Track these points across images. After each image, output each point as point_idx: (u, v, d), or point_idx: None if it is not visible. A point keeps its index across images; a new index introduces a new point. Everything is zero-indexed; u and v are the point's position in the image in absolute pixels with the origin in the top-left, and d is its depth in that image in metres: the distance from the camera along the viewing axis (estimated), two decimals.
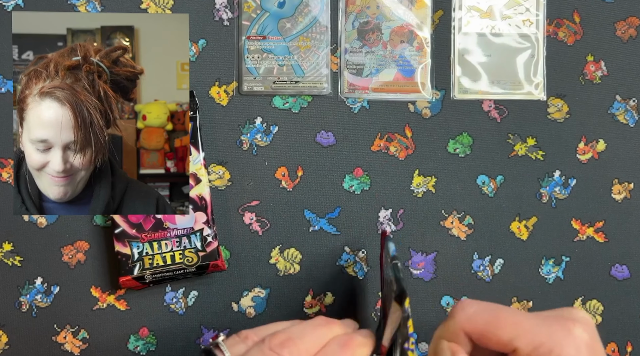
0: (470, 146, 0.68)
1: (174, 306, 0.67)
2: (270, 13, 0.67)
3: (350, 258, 0.67)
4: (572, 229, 0.68)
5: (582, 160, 0.68)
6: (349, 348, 0.48)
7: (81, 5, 0.67)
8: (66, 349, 0.66)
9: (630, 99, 0.68)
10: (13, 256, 0.66)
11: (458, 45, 0.68)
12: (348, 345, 0.49)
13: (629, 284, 0.68)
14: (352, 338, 0.50)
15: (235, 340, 0.49)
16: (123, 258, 0.62)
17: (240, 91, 0.67)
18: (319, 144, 0.68)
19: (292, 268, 0.67)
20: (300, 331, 0.49)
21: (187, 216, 0.63)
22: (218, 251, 0.63)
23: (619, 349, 0.68)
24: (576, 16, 0.68)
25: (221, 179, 0.67)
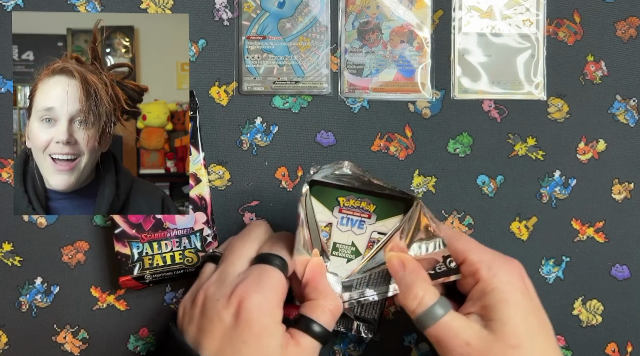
0: (470, 146, 0.68)
1: (174, 306, 0.67)
2: (270, 13, 0.67)
3: None
4: (572, 229, 0.68)
5: (582, 160, 0.68)
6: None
7: (81, 5, 0.67)
8: (66, 349, 0.66)
9: (631, 99, 0.68)
10: (13, 256, 0.66)
11: (458, 45, 0.68)
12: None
13: (629, 284, 0.68)
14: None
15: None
16: (123, 258, 0.62)
17: (240, 91, 0.67)
18: (319, 144, 0.68)
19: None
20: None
21: (187, 216, 0.63)
22: None
23: (619, 349, 0.68)
24: (576, 16, 0.68)
25: (221, 179, 0.67)
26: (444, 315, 0.53)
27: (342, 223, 0.60)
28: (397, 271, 0.55)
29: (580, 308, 0.67)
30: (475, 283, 0.55)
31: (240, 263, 0.55)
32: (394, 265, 0.56)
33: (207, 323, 0.52)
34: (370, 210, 0.60)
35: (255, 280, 0.52)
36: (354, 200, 0.60)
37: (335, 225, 0.60)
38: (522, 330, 0.52)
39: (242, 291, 0.51)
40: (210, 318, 0.52)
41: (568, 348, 0.67)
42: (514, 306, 0.53)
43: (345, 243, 0.60)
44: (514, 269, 0.55)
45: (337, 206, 0.60)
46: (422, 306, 0.54)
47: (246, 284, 0.52)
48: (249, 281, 0.52)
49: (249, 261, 0.55)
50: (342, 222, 0.60)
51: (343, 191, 0.60)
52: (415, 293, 0.54)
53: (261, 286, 0.52)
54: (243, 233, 0.58)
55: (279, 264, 0.54)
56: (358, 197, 0.60)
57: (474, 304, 0.55)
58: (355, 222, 0.60)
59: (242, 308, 0.51)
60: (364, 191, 0.60)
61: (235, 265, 0.55)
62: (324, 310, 0.54)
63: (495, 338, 0.52)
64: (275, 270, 0.53)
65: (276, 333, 0.52)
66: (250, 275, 0.53)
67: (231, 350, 0.50)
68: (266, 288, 0.52)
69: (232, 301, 0.51)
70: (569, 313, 0.67)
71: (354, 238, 0.60)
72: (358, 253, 0.60)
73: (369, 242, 0.60)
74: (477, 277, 0.55)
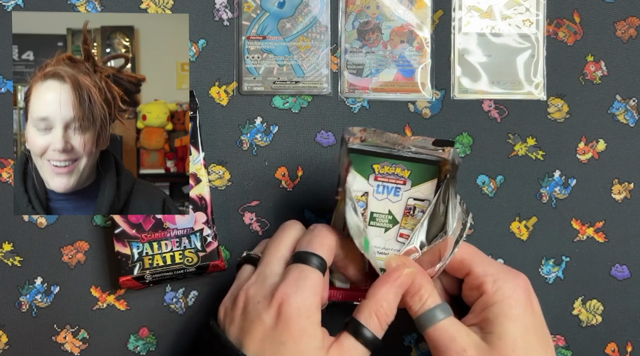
0: (470, 146, 0.68)
1: (174, 306, 0.67)
2: (270, 13, 0.67)
3: None
4: (572, 229, 0.68)
5: (582, 160, 0.68)
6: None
7: (81, 5, 0.67)
8: (66, 349, 0.66)
9: (630, 99, 0.68)
10: (13, 256, 0.66)
11: (458, 45, 0.68)
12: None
13: (629, 284, 0.68)
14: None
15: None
16: (123, 258, 0.62)
17: (240, 91, 0.67)
18: (319, 144, 0.68)
19: None
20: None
21: (187, 216, 0.63)
22: (218, 251, 0.63)
23: (619, 349, 0.68)
24: (576, 16, 0.68)
25: (221, 179, 0.67)
26: (445, 318, 0.54)
27: (378, 191, 0.58)
28: (395, 272, 0.55)
29: (580, 308, 0.67)
30: (479, 296, 0.55)
31: (277, 264, 0.55)
32: (392, 266, 0.55)
33: (249, 324, 0.52)
34: (405, 176, 0.58)
35: (295, 282, 0.52)
36: (389, 166, 0.58)
37: (372, 194, 0.58)
38: (520, 346, 0.52)
39: (282, 293, 0.52)
40: (252, 320, 0.52)
41: (568, 348, 0.67)
42: (513, 321, 0.53)
43: (382, 212, 0.58)
44: (519, 284, 0.55)
45: (372, 174, 0.58)
46: (424, 308, 0.54)
47: (285, 286, 0.52)
48: (288, 282, 0.52)
49: (286, 261, 0.55)
50: (378, 190, 0.58)
51: (378, 158, 0.58)
52: (421, 295, 0.54)
53: (300, 288, 0.52)
54: (278, 233, 0.58)
55: (317, 264, 0.53)
56: (392, 163, 0.58)
57: (476, 316, 0.55)
58: (390, 189, 0.58)
59: (282, 310, 0.51)
60: (398, 157, 0.58)
61: (273, 265, 0.55)
62: (377, 315, 0.54)
63: (492, 350, 0.52)
64: (313, 271, 0.53)
65: (314, 334, 0.52)
66: (289, 276, 0.53)
67: (271, 351, 0.51)
68: (305, 289, 0.52)
69: (272, 303, 0.52)
70: (568, 313, 0.67)
71: (390, 206, 0.58)
72: (395, 221, 0.58)
73: (406, 209, 0.58)
74: (482, 290, 0.55)
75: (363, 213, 0.58)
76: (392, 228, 0.58)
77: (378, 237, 0.59)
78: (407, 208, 0.58)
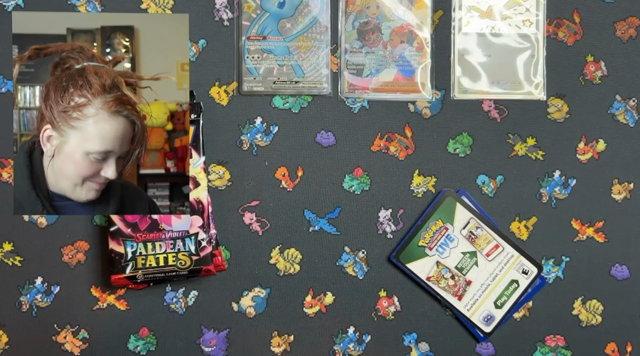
0: (470, 146, 0.68)
1: (174, 306, 0.67)
2: (270, 13, 0.67)
3: (350, 258, 0.67)
4: (572, 229, 0.68)
5: (582, 160, 0.68)
6: None
7: (81, 5, 0.67)
8: (66, 349, 0.66)
9: (630, 99, 0.68)
10: (13, 256, 0.66)
11: (458, 45, 0.68)
12: None
13: (629, 284, 0.68)
14: None
15: None
16: (116, 256, 0.62)
17: (240, 91, 0.67)
18: (319, 144, 0.68)
19: (292, 268, 0.67)
20: None
21: (184, 219, 0.63)
22: (212, 256, 0.63)
23: (619, 349, 0.68)
24: (576, 16, 0.68)
25: (221, 179, 0.67)
26: None
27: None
28: None
29: (580, 308, 0.67)
30: None
31: None
32: None
33: None
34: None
35: None
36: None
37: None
38: None
39: None
40: None
41: (568, 348, 0.67)
42: None
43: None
44: None
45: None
46: None
47: None
48: None
49: None
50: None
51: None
52: None
53: None
54: None
55: None
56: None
57: None
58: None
59: None
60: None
61: None
62: None
63: None
64: None
65: None
66: None
67: None
68: None
69: None
70: (568, 313, 0.68)
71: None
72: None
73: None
74: None
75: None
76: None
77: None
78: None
